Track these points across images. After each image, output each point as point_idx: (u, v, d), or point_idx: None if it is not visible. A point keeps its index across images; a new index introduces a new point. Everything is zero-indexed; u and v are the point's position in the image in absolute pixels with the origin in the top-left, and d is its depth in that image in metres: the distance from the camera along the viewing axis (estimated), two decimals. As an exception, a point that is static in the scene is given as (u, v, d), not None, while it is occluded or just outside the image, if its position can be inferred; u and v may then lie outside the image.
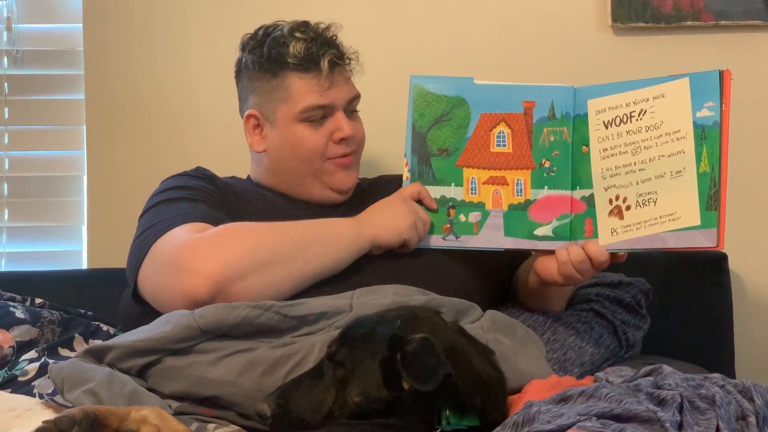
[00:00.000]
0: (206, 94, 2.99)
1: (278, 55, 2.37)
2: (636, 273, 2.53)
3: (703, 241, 2.11)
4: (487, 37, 3.00)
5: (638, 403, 1.54)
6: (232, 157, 2.74)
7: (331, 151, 2.39)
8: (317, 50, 2.36)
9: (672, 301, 2.72)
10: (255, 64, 2.41)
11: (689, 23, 2.94)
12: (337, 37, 2.43)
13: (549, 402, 1.61)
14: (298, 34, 2.38)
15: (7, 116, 3.06)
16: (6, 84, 3.05)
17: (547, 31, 2.99)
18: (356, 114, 2.47)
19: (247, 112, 2.45)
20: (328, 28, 2.43)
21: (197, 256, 2.06)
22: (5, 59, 3.06)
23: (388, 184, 2.46)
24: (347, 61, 2.43)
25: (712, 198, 2.10)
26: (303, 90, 2.36)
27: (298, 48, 2.36)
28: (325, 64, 2.36)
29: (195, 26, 3.00)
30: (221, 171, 2.51)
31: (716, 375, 1.69)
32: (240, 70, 2.49)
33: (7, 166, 3.07)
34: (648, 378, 1.71)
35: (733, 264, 2.80)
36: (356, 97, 2.45)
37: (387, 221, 2.25)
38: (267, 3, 2.93)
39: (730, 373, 2.66)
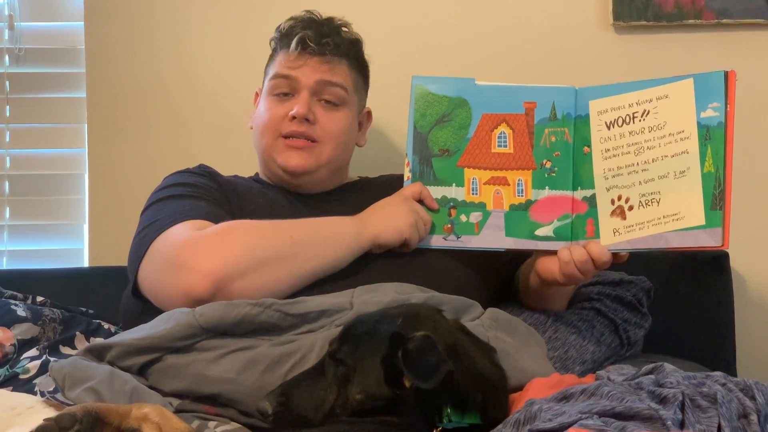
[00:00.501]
0: (208, 92, 2.98)
1: (277, 34, 2.49)
2: (637, 271, 2.53)
3: (707, 240, 2.11)
4: (489, 35, 3.00)
5: (640, 402, 1.54)
6: (234, 155, 2.74)
7: (283, 127, 2.42)
8: (297, 30, 2.43)
9: (673, 299, 2.72)
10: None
11: (691, 22, 2.93)
12: (330, 24, 2.47)
13: (550, 400, 1.61)
14: (295, 15, 2.48)
15: (8, 114, 3.06)
16: (7, 82, 3.06)
17: (548, 30, 2.99)
18: (335, 107, 2.46)
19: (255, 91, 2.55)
20: (330, 19, 2.49)
21: (197, 254, 2.06)
22: (7, 57, 3.06)
23: (389, 184, 2.46)
24: (321, 46, 2.44)
25: (716, 198, 2.10)
26: (277, 63, 2.45)
27: (284, 26, 2.46)
28: (294, 41, 2.42)
29: (196, 24, 3.00)
30: (222, 169, 2.51)
31: (718, 373, 1.69)
32: None
33: (8, 164, 3.07)
34: (649, 376, 1.71)
35: (734, 262, 2.80)
36: (333, 83, 2.45)
37: (388, 221, 2.25)
38: (270, 2, 2.92)
39: (731, 371, 2.66)
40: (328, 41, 2.43)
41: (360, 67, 2.53)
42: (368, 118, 2.61)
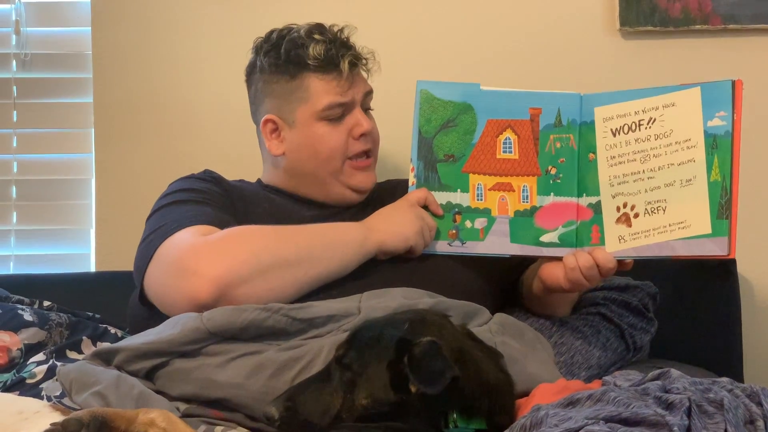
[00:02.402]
0: (215, 97, 2.99)
1: (297, 57, 2.39)
2: (643, 276, 2.53)
3: (714, 249, 2.11)
4: (495, 40, 3.00)
5: (646, 407, 1.54)
6: (240, 160, 2.74)
7: (351, 149, 2.41)
8: (336, 52, 2.38)
9: (680, 304, 2.72)
10: (272, 67, 2.42)
11: (698, 27, 2.93)
12: (349, 39, 2.45)
13: (557, 405, 1.61)
14: (316, 36, 2.40)
15: (15, 119, 3.07)
16: (15, 87, 3.06)
17: (555, 35, 2.99)
18: (370, 113, 2.48)
19: (264, 117, 2.45)
20: (342, 30, 2.45)
21: (202, 259, 2.06)
22: (14, 62, 3.07)
23: (395, 188, 2.46)
24: (364, 61, 2.45)
25: (723, 206, 2.10)
26: (323, 90, 2.38)
27: (317, 50, 2.37)
28: (345, 65, 2.38)
29: (203, 29, 3.01)
30: (229, 174, 2.51)
31: (724, 379, 1.69)
32: (253, 74, 2.49)
33: (15, 169, 3.08)
34: (656, 382, 1.70)
35: (741, 268, 2.80)
36: (370, 92, 2.47)
37: (394, 227, 2.25)
38: (275, 7, 2.93)
39: (738, 377, 2.65)
40: (365, 57, 2.45)
41: None
42: None
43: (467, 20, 3.00)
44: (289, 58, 2.39)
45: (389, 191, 2.47)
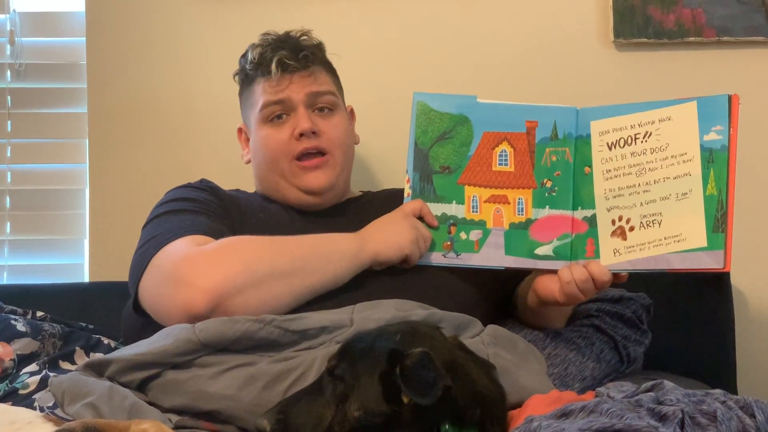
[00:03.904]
0: (209, 108, 2.99)
1: (243, 65, 2.50)
2: (637, 288, 2.53)
3: (709, 262, 2.12)
4: (490, 52, 3.00)
5: (639, 419, 1.53)
6: (235, 170, 2.74)
7: (294, 149, 2.42)
8: (270, 54, 2.43)
9: (673, 316, 2.72)
10: (239, 78, 2.53)
11: (691, 39, 2.94)
12: (296, 39, 2.48)
13: (550, 417, 1.61)
14: (258, 41, 2.48)
15: (9, 129, 3.07)
16: (9, 97, 3.07)
17: (549, 47, 3.00)
18: (331, 113, 2.48)
19: (238, 127, 2.57)
20: (291, 32, 2.49)
21: (196, 270, 2.06)
22: (8, 72, 3.07)
23: (391, 198, 2.46)
24: (301, 60, 2.45)
25: (719, 220, 2.11)
26: (260, 91, 2.44)
27: (254, 54, 2.46)
28: (273, 66, 2.41)
29: (197, 40, 3.01)
30: (224, 184, 2.51)
31: (718, 391, 1.69)
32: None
33: (9, 179, 3.08)
34: (649, 393, 1.70)
35: (735, 279, 2.80)
36: (321, 93, 2.46)
37: (389, 237, 2.25)
38: (269, 16, 2.93)
39: (731, 388, 2.65)
40: (305, 54, 2.45)
41: (332, 69, 2.55)
42: (352, 116, 2.62)
43: (463, 32, 3.01)
44: (242, 67, 2.50)
45: (384, 201, 2.47)
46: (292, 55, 2.43)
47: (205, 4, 3.00)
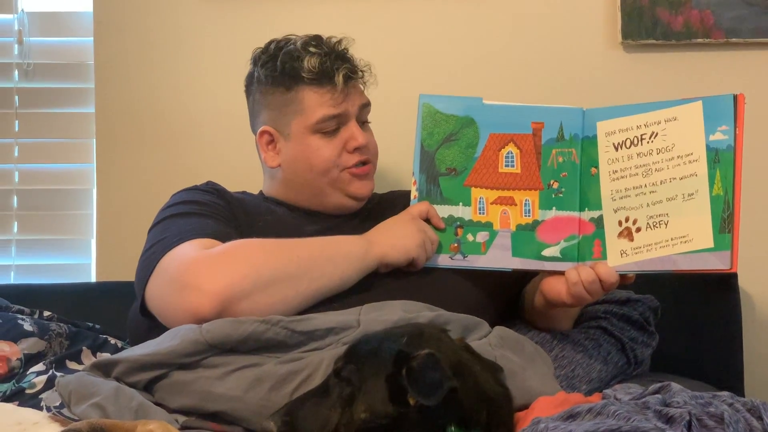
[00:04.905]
0: (216, 108, 2.99)
1: (292, 70, 2.39)
2: (644, 290, 2.53)
3: (716, 263, 2.11)
4: (497, 54, 3.00)
5: (646, 421, 1.53)
6: (242, 171, 2.74)
7: (345, 161, 2.41)
8: (331, 64, 2.39)
9: (681, 318, 2.71)
10: (268, 78, 2.43)
11: (699, 41, 2.94)
12: (348, 51, 2.45)
13: (557, 419, 1.61)
14: (312, 49, 2.40)
15: (17, 129, 3.08)
16: (17, 97, 3.08)
17: (557, 48, 2.99)
18: (367, 125, 2.49)
19: (260, 129, 2.47)
20: (340, 42, 2.45)
21: (203, 274, 2.06)
22: (16, 72, 3.08)
23: (397, 200, 2.46)
24: (360, 74, 2.45)
25: (725, 220, 2.10)
26: (317, 102, 2.39)
27: (312, 63, 2.38)
28: (339, 78, 2.38)
29: (205, 40, 3.01)
30: (231, 185, 2.51)
31: (725, 393, 1.69)
32: (251, 84, 2.50)
33: (16, 179, 3.09)
34: (656, 395, 1.70)
35: (742, 282, 2.79)
36: (367, 104, 2.47)
37: (395, 240, 2.24)
38: (277, 19, 2.94)
39: (738, 391, 2.65)
40: (362, 70, 2.46)
41: None
42: None
43: (470, 34, 3.01)
44: (285, 70, 2.40)
45: (391, 203, 2.48)
46: (354, 68, 2.43)
47: (213, 5, 3.01)
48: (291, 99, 2.40)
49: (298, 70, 2.39)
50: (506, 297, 2.46)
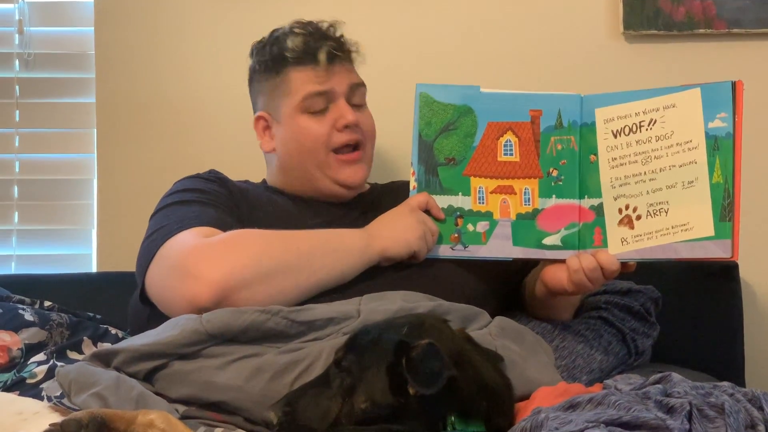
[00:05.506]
0: (217, 98, 2.99)
1: (279, 53, 2.44)
2: (645, 281, 2.53)
3: (717, 251, 2.11)
4: (497, 45, 3.00)
5: (647, 411, 1.53)
6: (243, 160, 2.74)
7: (335, 140, 2.41)
8: (315, 43, 2.41)
9: (682, 309, 2.71)
10: (261, 65, 2.47)
11: (701, 31, 2.93)
12: (335, 30, 2.47)
13: (557, 409, 1.61)
14: (296, 30, 2.44)
15: (17, 119, 3.07)
16: (17, 87, 3.07)
17: (558, 39, 2.99)
18: (364, 108, 2.49)
19: (256, 115, 2.50)
20: (329, 24, 2.48)
21: (203, 262, 2.06)
22: (16, 62, 3.07)
23: (398, 190, 2.45)
24: (346, 52, 2.46)
25: (725, 209, 2.10)
26: (302, 80, 2.41)
27: (296, 42, 2.42)
28: (322, 54, 2.40)
29: (206, 30, 3.01)
30: (232, 175, 2.51)
31: (726, 383, 1.69)
32: (251, 75, 2.53)
33: (17, 169, 3.08)
34: (657, 386, 1.70)
35: (744, 272, 2.79)
36: (359, 84, 2.46)
37: (396, 233, 2.24)
38: (277, 7, 2.93)
39: (739, 381, 2.65)
40: (348, 47, 2.46)
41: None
42: None
43: (469, 24, 3.00)
44: (273, 54, 2.44)
45: (393, 193, 2.47)
46: (339, 46, 2.43)
47: (214, -5, 3.01)
48: (280, 82, 2.44)
49: (283, 52, 2.42)
50: (507, 288, 2.46)
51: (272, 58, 2.45)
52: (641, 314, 2.47)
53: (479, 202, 2.29)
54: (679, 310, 2.69)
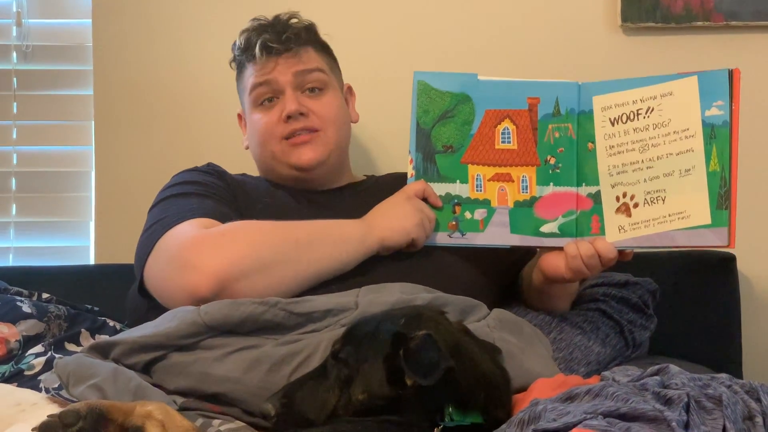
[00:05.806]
0: (215, 90, 2.99)
1: (237, 54, 2.53)
2: (643, 273, 2.53)
3: (713, 240, 2.12)
4: (495, 36, 3.00)
5: (645, 402, 1.53)
6: (241, 153, 2.73)
7: (282, 130, 2.44)
8: (255, 38, 2.45)
9: (679, 301, 2.71)
10: (233, 65, 2.57)
11: (699, 23, 2.93)
12: (282, 22, 2.49)
13: (555, 400, 1.61)
14: (246, 27, 2.51)
15: (15, 111, 3.07)
16: (15, 79, 3.07)
17: (556, 31, 2.99)
18: (321, 92, 2.49)
19: (237, 113, 2.61)
20: (277, 16, 2.51)
21: (201, 253, 2.06)
22: (14, 54, 3.07)
23: (396, 181, 2.45)
24: (285, 42, 2.46)
25: (722, 197, 2.10)
26: (248, 75, 2.48)
27: (241, 39, 2.49)
28: (257, 49, 2.44)
29: (204, 22, 3.01)
30: (230, 167, 2.51)
31: (723, 375, 1.69)
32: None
33: (15, 161, 3.08)
34: (655, 377, 1.70)
35: (741, 265, 2.79)
36: (310, 70, 2.48)
37: (394, 222, 2.24)
38: (276, 1, 2.92)
39: (737, 373, 2.65)
40: (288, 36, 2.46)
41: (325, 48, 2.56)
42: (351, 93, 2.64)
43: (467, 15, 3.00)
44: (235, 54, 2.54)
45: (392, 184, 2.46)
46: (275, 37, 2.45)
47: (212, -14, 3.01)
48: (241, 79, 2.53)
49: (234, 52, 2.52)
50: (505, 279, 2.46)
51: (234, 58, 2.54)
52: (639, 306, 2.47)
53: (477, 190, 2.29)
54: (676, 302, 2.69)
